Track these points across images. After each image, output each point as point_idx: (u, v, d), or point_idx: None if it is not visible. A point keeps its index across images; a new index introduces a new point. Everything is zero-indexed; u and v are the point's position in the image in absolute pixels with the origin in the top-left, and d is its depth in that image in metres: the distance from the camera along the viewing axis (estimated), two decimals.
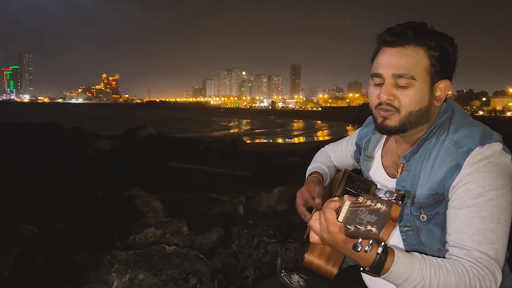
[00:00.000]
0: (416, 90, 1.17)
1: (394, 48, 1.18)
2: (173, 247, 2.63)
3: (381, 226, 0.91)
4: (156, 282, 2.31)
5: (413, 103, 1.17)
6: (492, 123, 1.28)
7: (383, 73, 1.18)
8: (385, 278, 1.04)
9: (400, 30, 1.17)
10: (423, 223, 1.22)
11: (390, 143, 1.38)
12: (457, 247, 1.10)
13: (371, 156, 1.43)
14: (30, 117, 29.65)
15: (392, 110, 1.19)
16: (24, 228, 2.90)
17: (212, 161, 7.21)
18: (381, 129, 1.24)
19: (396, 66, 1.16)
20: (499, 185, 1.09)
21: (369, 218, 0.93)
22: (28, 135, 11.02)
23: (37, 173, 6.11)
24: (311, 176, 1.61)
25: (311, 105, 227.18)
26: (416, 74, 1.15)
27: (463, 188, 1.11)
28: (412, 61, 1.15)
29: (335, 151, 1.72)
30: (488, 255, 1.07)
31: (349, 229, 0.97)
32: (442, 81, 1.20)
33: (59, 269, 2.66)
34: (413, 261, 1.04)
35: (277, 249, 2.71)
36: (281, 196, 4.44)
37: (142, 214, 3.72)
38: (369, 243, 0.93)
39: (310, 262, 1.33)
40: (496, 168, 1.11)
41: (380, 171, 1.38)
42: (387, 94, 1.18)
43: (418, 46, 1.16)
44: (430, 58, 1.16)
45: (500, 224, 1.08)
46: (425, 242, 1.23)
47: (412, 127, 1.21)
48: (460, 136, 1.16)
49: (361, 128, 1.56)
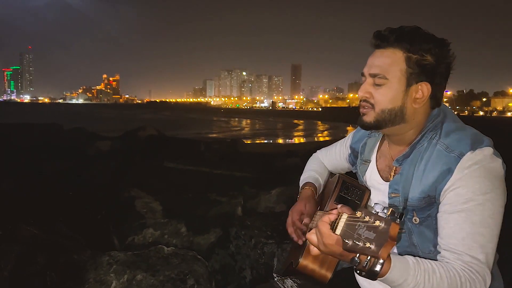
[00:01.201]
0: (388, 89, 1.23)
1: (378, 50, 1.26)
2: (171, 248, 2.66)
3: (380, 244, 0.92)
4: (154, 283, 2.33)
5: (385, 101, 1.24)
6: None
7: (364, 72, 1.28)
8: (380, 281, 1.07)
9: (384, 34, 1.23)
10: (416, 226, 1.24)
11: (384, 147, 1.41)
12: (448, 250, 1.13)
13: (367, 160, 1.44)
14: (31, 118, 29.68)
15: (368, 106, 1.26)
16: (24, 229, 2.93)
17: (212, 162, 7.23)
18: (360, 124, 1.30)
19: (373, 66, 1.25)
20: (488, 189, 1.12)
21: (367, 235, 0.94)
22: (29, 136, 11.04)
23: (37, 174, 6.13)
24: (304, 189, 1.62)
25: (312, 106, 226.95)
26: (389, 74, 1.22)
27: (454, 192, 1.14)
28: (388, 62, 1.22)
29: (329, 156, 1.73)
30: (478, 259, 1.10)
31: (347, 243, 0.98)
32: (422, 83, 1.22)
33: (58, 270, 2.69)
34: (408, 267, 1.07)
35: (274, 250, 2.73)
36: (280, 197, 4.46)
37: (141, 215, 3.75)
38: (367, 259, 0.95)
39: (305, 266, 1.34)
40: (486, 173, 1.13)
41: (374, 175, 1.40)
42: (363, 91, 1.27)
43: (398, 49, 1.21)
44: (407, 60, 1.21)
45: (489, 228, 1.11)
46: (417, 244, 1.26)
47: (388, 124, 1.26)
48: (451, 140, 1.19)
49: (355, 131, 1.57)
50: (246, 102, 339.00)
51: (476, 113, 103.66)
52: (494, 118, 74.65)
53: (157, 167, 6.24)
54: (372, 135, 1.46)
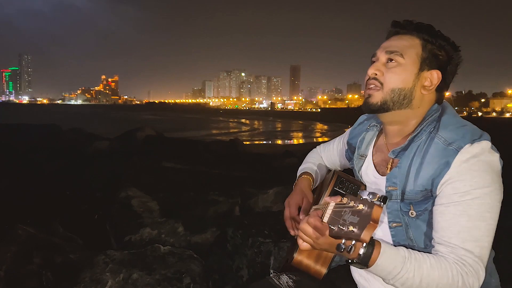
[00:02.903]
0: (402, 69, 1.24)
1: (395, 35, 1.30)
2: (168, 247, 2.65)
3: (362, 227, 0.93)
4: (149, 282, 2.33)
5: (396, 81, 1.25)
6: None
7: (377, 52, 1.30)
8: (372, 270, 1.08)
9: (404, 22, 1.29)
10: (412, 219, 1.24)
11: (381, 141, 1.40)
12: (442, 244, 1.13)
13: (364, 155, 1.44)
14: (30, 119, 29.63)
15: (376, 85, 1.26)
16: (21, 228, 2.92)
17: (210, 162, 7.21)
18: (366, 106, 1.29)
19: (391, 46, 1.28)
20: (486, 184, 1.11)
21: (352, 219, 0.95)
22: (27, 137, 11.03)
23: (35, 174, 6.12)
24: (301, 177, 1.63)
25: (310, 106, 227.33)
26: (406, 54, 1.24)
27: (451, 186, 1.13)
28: (405, 44, 1.26)
29: (327, 151, 1.74)
30: (473, 253, 1.09)
31: (333, 230, 0.99)
32: (433, 70, 1.25)
33: (54, 269, 2.68)
34: (398, 255, 1.08)
35: (271, 248, 2.73)
36: (277, 196, 4.46)
37: (138, 215, 3.74)
38: (351, 244, 0.96)
39: (299, 262, 1.34)
40: (485, 166, 1.13)
41: (370, 169, 1.39)
42: (374, 68, 1.27)
43: (415, 36, 1.26)
44: (423, 47, 1.25)
45: (485, 222, 1.11)
46: (414, 238, 1.25)
47: (395, 107, 1.26)
48: (450, 134, 1.18)
49: (353, 127, 1.57)
50: (245, 103, 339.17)
51: (475, 114, 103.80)
52: (490, 118, 74.77)
53: (155, 166, 6.23)
54: (370, 129, 1.46)
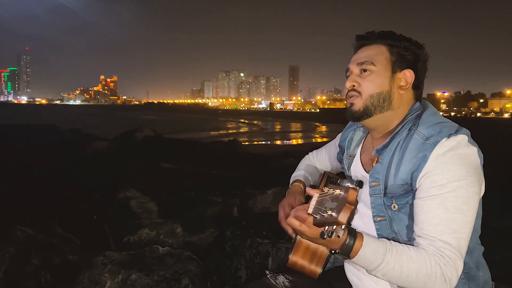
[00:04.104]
0: (375, 75, 1.32)
1: (361, 48, 1.38)
2: (166, 248, 2.66)
3: (339, 210, 0.97)
4: (148, 283, 2.33)
5: (373, 86, 1.32)
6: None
7: (350, 66, 1.38)
8: (354, 261, 1.13)
9: (367, 34, 1.38)
10: (395, 213, 1.27)
11: (368, 141, 1.46)
12: (422, 237, 1.17)
13: (352, 155, 1.50)
14: (28, 119, 29.59)
15: (355, 94, 1.34)
16: (19, 230, 2.92)
17: (208, 163, 7.22)
18: (349, 115, 1.37)
19: (359, 58, 1.36)
20: (462, 176, 1.15)
21: (331, 205, 1.00)
22: (26, 137, 11.02)
23: (34, 175, 6.12)
24: (293, 184, 1.68)
25: (309, 107, 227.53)
26: (376, 61, 1.32)
27: (429, 179, 1.17)
28: (373, 53, 1.34)
29: (320, 156, 1.80)
30: (450, 244, 1.13)
31: (316, 218, 1.03)
32: (405, 70, 1.32)
33: (53, 270, 2.69)
34: (380, 247, 1.13)
35: (269, 249, 2.74)
36: (276, 197, 4.46)
37: (137, 215, 3.75)
38: (332, 228, 0.99)
39: (294, 263, 1.36)
40: (461, 160, 1.16)
41: (358, 168, 1.45)
42: (351, 81, 1.35)
43: (381, 44, 1.34)
44: (390, 51, 1.33)
45: (463, 214, 1.14)
46: (398, 231, 1.28)
47: (376, 111, 1.32)
48: (428, 129, 1.23)
49: (343, 131, 1.63)
50: (244, 103, 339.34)
51: (474, 114, 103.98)
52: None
53: (154, 167, 6.24)
54: (358, 129, 1.52)
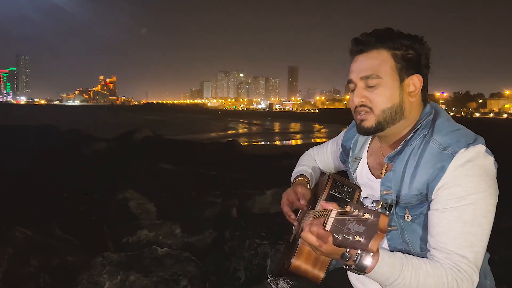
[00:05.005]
0: (384, 88, 1.23)
1: (361, 55, 1.27)
2: (165, 249, 2.66)
3: (369, 236, 0.90)
4: (147, 284, 2.33)
5: (384, 101, 1.23)
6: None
7: (353, 79, 1.27)
8: (369, 276, 1.07)
9: (364, 38, 1.26)
10: (408, 223, 1.24)
11: (375, 144, 1.40)
12: (438, 249, 1.13)
13: (358, 157, 1.44)
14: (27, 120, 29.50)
15: (366, 110, 1.25)
16: (18, 231, 2.92)
17: (207, 163, 7.23)
18: (360, 131, 1.29)
19: (362, 70, 1.25)
20: (481, 189, 1.11)
21: (357, 228, 0.93)
22: (25, 138, 11.02)
23: (33, 175, 6.12)
24: (297, 179, 1.63)
25: (308, 107, 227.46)
26: (382, 73, 1.22)
27: (447, 191, 1.13)
28: (376, 62, 1.23)
29: (320, 154, 1.73)
30: (468, 258, 1.10)
31: (337, 238, 0.97)
32: (413, 76, 1.24)
33: (52, 271, 2.68)
34: (395, 261, 1.07)
35: (267, 250, 2.74)
36: (274, 198, 4.46)
37: (136, 216, 3.75)
38: (357, 253, 0.94)
39: (297, 267, 1.33)
40: (480, 171, 1.12)
41: (365, 172, 1.39)
42: (359, 96, 1.26)
43: (381, 49, 1.24)
44: (394, 57, 1.23)
45: (480, 227, 1.11)
46: (409, 242, 1.25)
47: (389, 124, 1.25)
48: (444, 138, 1.18)
49: (347, 130, 1.57)
50: (243, 103, 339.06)
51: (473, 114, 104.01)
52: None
53: (153, 168, 6.24)
54: None
